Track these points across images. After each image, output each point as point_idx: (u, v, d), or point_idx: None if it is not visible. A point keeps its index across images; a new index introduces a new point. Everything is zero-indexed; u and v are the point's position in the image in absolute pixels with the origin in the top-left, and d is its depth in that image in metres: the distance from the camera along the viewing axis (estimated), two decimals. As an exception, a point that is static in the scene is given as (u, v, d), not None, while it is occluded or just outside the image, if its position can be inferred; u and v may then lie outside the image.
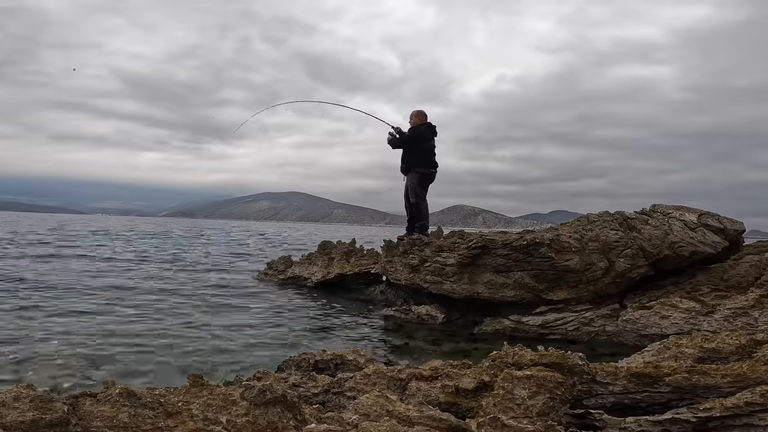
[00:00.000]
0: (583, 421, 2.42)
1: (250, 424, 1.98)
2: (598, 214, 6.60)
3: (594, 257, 6.21)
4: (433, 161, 8.28)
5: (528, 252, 6.33)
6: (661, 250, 6.10)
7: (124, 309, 6.63)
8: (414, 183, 8.19)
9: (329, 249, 10.13)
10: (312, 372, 3.12)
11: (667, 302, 5.79)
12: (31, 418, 1.82)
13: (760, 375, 2.42)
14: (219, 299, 7.87)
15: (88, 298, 7.30)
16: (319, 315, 7.10)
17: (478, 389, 2.58)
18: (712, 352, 2.85)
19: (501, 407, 2.27)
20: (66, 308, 6.45)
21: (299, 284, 9.72)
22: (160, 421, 1.96)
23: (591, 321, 6.08)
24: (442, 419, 2.09)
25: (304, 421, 2.08)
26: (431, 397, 2.62)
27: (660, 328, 5.60)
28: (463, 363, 2.88)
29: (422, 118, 8.27)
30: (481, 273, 6.57)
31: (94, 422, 1.92)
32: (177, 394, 2.11)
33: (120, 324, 5.80)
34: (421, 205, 8.28)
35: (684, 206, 6.63)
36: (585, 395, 2.60)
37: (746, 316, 5.32)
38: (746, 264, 5.87)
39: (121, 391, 2.02)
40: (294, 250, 15.60)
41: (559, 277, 6.27)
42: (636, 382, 2.59)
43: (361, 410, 2.16)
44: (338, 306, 7.78)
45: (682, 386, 2.51)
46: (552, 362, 2.54)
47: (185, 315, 6.52)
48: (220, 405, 2.05)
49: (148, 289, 8.31)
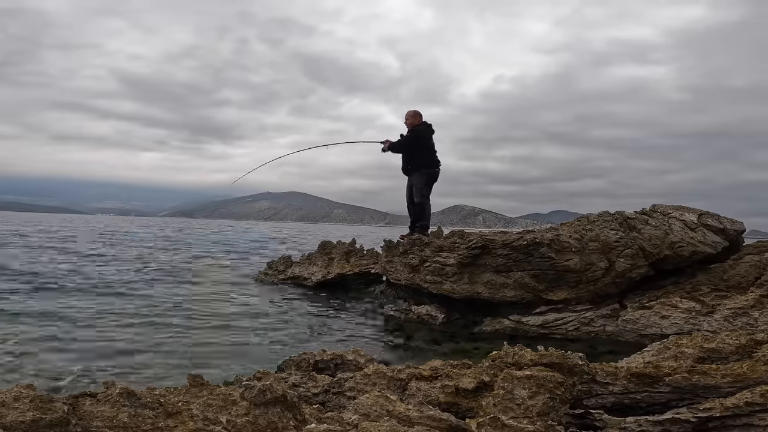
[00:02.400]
0: (583, 421, 2.42)
1: (250, 424, 1.98)
2: (598, 214, 6.60)
3: (594, 257, 6.21)
4: (436, 160, 8.30)
5: (528, 252, 6.33)
6: (661, 250, 6.10)
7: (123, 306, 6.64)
8: (421, 183, 8.20)
9: (329, 249, 10.13)
10: (312, 372, 3.12)
11: (667, 302, 5.79)
12: (31, 418, 1.82)
13: (760, 375, 2.42)
14: (219, 299, 7.87)
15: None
16: (319, 315, 7.10)
17: (478, 389, 2.58)
18: (712, 352, 2.85)
19: (501, 407, 2.27)
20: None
21: (299, 284, 9.72)
22: (160, 421, 1.96)
23: (591, 321, 6.08)
24: (442, 419, 2.09)
25: (304, 421, 2.08)
26: (431, 397, 2.62)
27: (660, 328, 5.60)
28: (463, 363, 2.88)
29: (419, 118, 8.28)
30: (481, 273, 6.57)
31: (94, 422, 1.92)
32: (177, 394, 2.10)
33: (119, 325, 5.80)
34: (425, 206, 8.29)
35: (684, 206, 6.63)
36: (585, 395, 2.60)
37: (746, 316, 5.33)
38: (746, 264, 5.87)
39: (121, 391, 2.02)
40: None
41: (559, 277, 6.27)
42: (636, 382, 2.59)
43: (361, 410, 2.16)
44: (338, 306, 7.78)
45: (682, 386, 2.51)
46: (552, 362, 2.54)
47: (186, 314, 6.52)
48: (220, 405, 2.05)
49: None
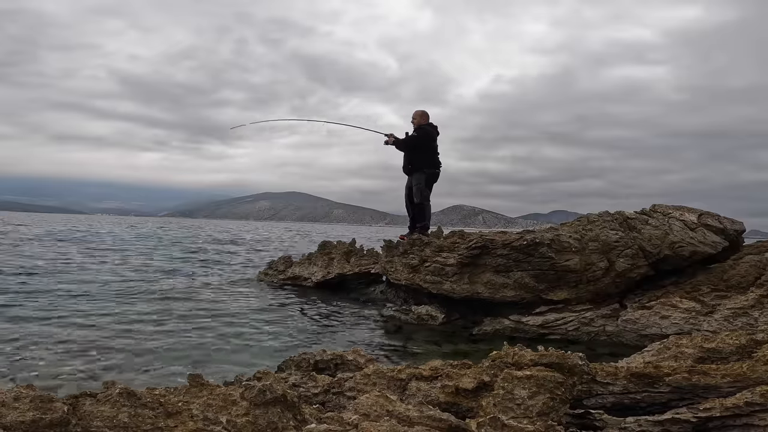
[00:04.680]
0: (583, 421, 2.42)
1: (250, 424, 1.98)
2: (598, 214, 6.60)
3: (594, 257, 6.21)
4: (437, 161, 8.31)
5: (528, 252, 6.33)
6: (661, 250, 6.10)
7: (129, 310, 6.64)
8: (421, 183, 8.20)
9: (329, 249, 10.12)
10: (312, 372, 3.12)
11: (667, 302, 5.79)
12: (31, 418, 1.82)
13: (760, 375, 2.42)
14: (219, 299, 7.87)
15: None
16: (319, 315, 7.10)
17: (478, 389, 2.58)
18: (712, 352, 2.85)
19: (501, 407, 2.27)
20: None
21: (299, 284, 9.72)
22: (160, 421, 1.96)
23: (591, 321, 6.08)
24: (442, 419, 2.09)
25: (304, 421, 2.08)
26: (431, 397, 2.62)
27: (660, 328, 5.60)
28: (463, 363, 2.88)
29: (426, 118, 8.28)
30: (481, 273, 6.57)
31: (94, 422, 1.91)
32: (177, 394, 2.10)
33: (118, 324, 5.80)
34: (425, 206, 8.30)
35: (684, 206, 6.63)
36: (585, 395, 2.59)
37: (746, 316, 5.32)
38: (746, 264, 5.87)
39: (121, 391, 2.01)
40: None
41: (559, 277, 6.27)
42: (636, 382, 2.59)
43: (361, 410, 2.16)
44: (338, 306, 7.78)
45: (682, 386, 2.51)
46: (552, 362, 2.53)
47: (186, 314, 6.52)
48: (220, 405, 2.05)
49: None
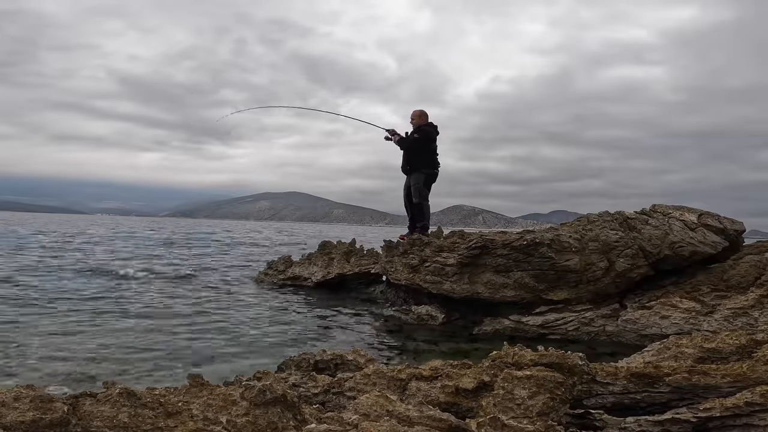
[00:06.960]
0: (583, 421, 2.42)
1: (250, 424, 1.97)
2: (598, 214, 6.60)
3: (594, 257, 6.21)
4: (436, 161, 8.30)
5: (528, 252, 6.33)
6: (661, 250, 6.10)
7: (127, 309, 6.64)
8: (419, 183, 8.20)
9: (329, 249, 10.12)
10: (312, 372, 3.12)
11: (667, 302, 5.79)
12: (31, 418, 1.82)
13: (760, 375, 2.42)
14: (219, 299, 7.87)
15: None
16: (319, 315, 7.10)
17: (478, 389, 2.58)
18: (712, 352, 2.85)
19: (501, 407, 2.27)
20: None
21: (299, 284, 9.72)
22: (160, 421, 1.95)
23: (591, 321, 6.08)
24: (442, 419, 2.09)
25: (304, 421, 2.08)
26: (431, 397, 2.62)
27: (660, 328, 5.60)
28: (463, 363, 2.88)
29: (425, 118, 8.28)
30: (481, 273, 6.57)
31: (94, 422, 1.91)
32: (177, 394, 2.10)
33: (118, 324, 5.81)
34: (424, 206, 8.29)
35: (684, 206, 6.63)
36: (585, 395, 2.59)
37: (746, 316, 5.32)
38: (746, 264, 5.86)
39: (121, 391, 2.01)
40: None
41: (559, 277, 6.26)
42: (636, 382, 2.59)
43: (361, 410, 2.16)
44: (338, 306, 7.78)
45: (682, 386, 2.51)
46: (552, 362, 2.53)
47: (186, 314, 6.53)
48: (220, 405, 2.04)
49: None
